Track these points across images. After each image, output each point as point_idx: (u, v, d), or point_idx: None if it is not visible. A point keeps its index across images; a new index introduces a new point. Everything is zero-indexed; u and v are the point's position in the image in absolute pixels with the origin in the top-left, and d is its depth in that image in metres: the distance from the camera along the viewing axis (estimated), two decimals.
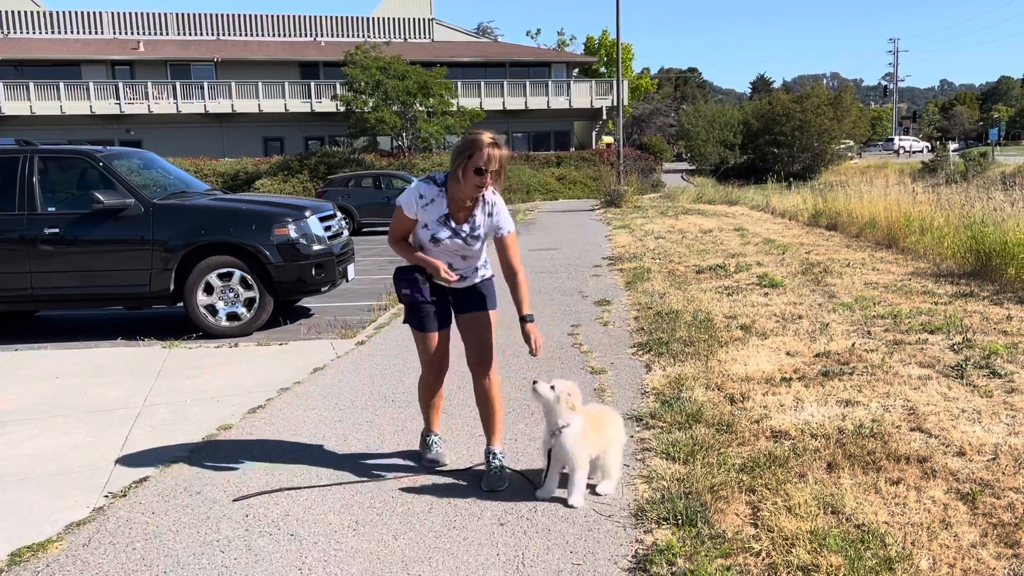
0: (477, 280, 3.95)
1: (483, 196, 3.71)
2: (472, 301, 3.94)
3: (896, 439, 4.14)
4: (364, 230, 21.19)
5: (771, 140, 46.12)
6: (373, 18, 45.33)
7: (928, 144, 64.89)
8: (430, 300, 3.83)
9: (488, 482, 3.79)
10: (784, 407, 4.73)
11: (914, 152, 62.55)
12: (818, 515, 3.30)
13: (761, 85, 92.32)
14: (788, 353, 6.01)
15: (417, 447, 4.35)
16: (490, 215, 3.77)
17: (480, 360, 3.92)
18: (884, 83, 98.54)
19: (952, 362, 5.56)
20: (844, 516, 3.30)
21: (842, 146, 48.72)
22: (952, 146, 49.03)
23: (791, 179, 35.55)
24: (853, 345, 6.13)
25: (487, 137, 3.54)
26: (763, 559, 3.00)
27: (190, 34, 43.15)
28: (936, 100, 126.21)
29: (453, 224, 3.72)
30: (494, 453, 3.91)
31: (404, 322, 4.01)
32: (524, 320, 3.83)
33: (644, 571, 2.97)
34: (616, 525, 3.37)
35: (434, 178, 3.71)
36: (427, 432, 4.21)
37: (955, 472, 3.73)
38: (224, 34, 43.51)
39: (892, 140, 71.13)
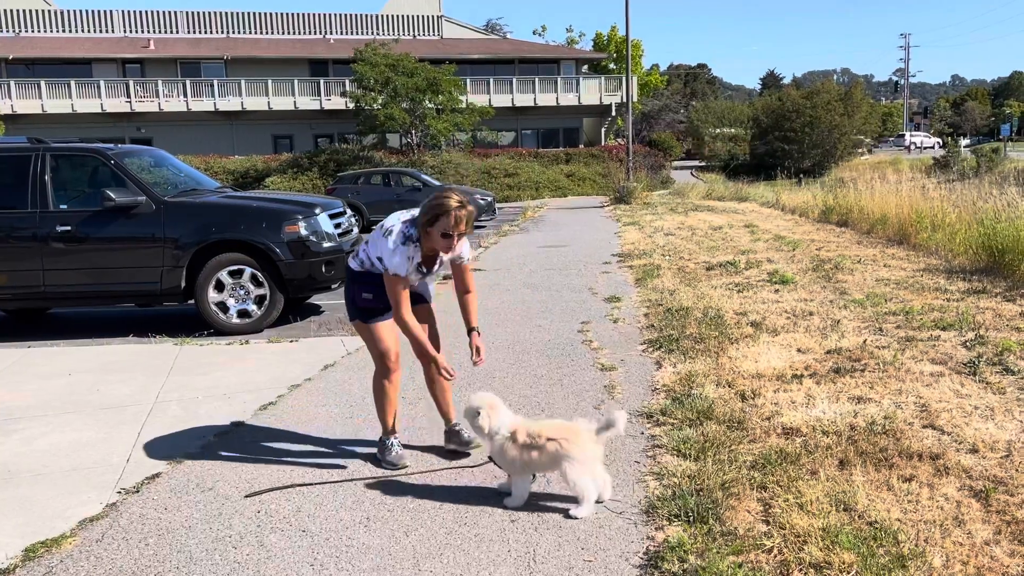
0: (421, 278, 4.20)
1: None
2: (417, 296, 4.18)
3: (908, 436, 4.12)
4: (373, 227, 21.21)
5: (781, 136, 45.92)
6: (382, 15, 45.35)
7: (939, 140, 64.45)
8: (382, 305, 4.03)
9: (466, 442, 4.20)
10: (795, 404, 4.71)
11: (925, 148, 62.19)
12: (830, 512, 3.29)
13: (771, 81, 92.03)
14: (799, 350, 5.99)
15: (427, 443, 4.36)
16: (462, 246, 3.99)
17: (433, 345, 4.13)
18: (895, 79, 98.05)
19: (964, 359, 5.52)
20: (856, 513, 3.29)
21: (861, 139, 48.43)
22: (964, 142, 48.64)
23: (801, 175, 35.40)
24: (865, 342, 6.11)
25: (454, 201, 3.72)
26: (775, 556, 2.99)
27: (200, 32, 43.27)
28: (947, 96, 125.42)
29: (424, 269, 3.98)
30: (458, 423, 4.24)
31: (352, 319, 4.14)
32: (472, 331, 4.09)
33: (656, 568, 2.97)
34: (627, 522, 3.37)
35: (409, 236, 3.82)
36: (386, 434, 4.20)
37: (968, 469, 3.71)
38: (234, 32, 43.62)
39: (903, 136, 70.71)
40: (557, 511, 3.49)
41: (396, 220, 3.89)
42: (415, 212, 3.88)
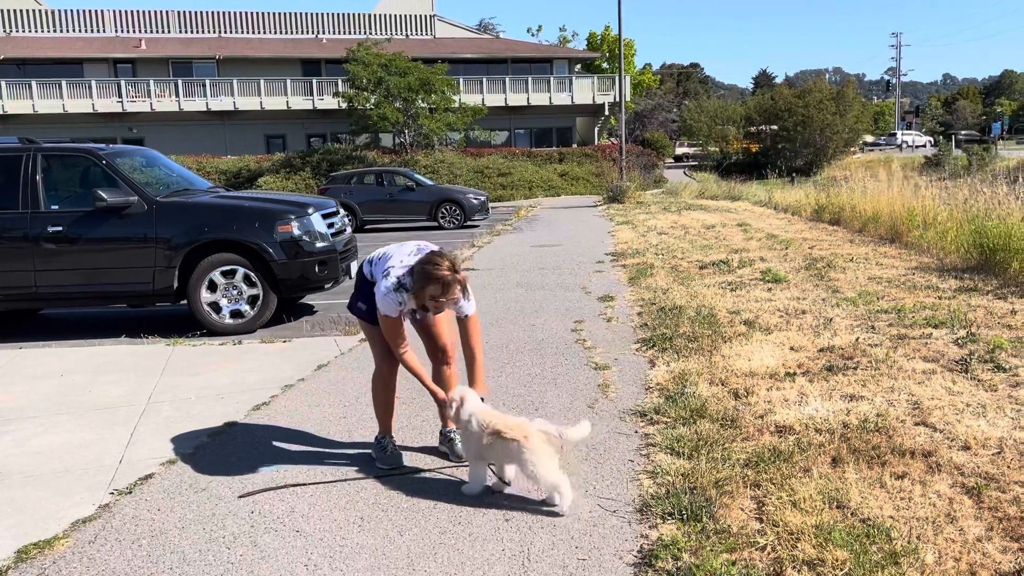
0: None
1: None
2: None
3: (901, 433, 4.13)
4: (367, 227, 21.19)
5: (773, 135, 46.04)
6: (375, 15, 45.27)
7: (931, 139, 64.69)
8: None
9: (458, 455, 4.12)
10: (788, 402, 4.72)
11: (917, 147, 62.41)
12: (823, 510, 3.30)
13: (763, 80, 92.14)
14: (792, 348, 6.00)
15: (422, 444, 4.35)
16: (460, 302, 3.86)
17: (443, 347, 4.20)
18: (887, 78, 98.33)
19: (956, 356, 5.55)
20: (849, 510, 3.30)
21: (856, 137, 48.57)
22: (959, 137, 48.90)
23: (794, 174, 35.48)
24: (857, 340, 6.13)
25: (444, 269, 3.61)
26: (768, 554, 3.00)
27: (192, 32, 43.12)
28: (939, 94, 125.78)
29: (418, 315, 4.03)
30: (454, 431, 4.19)
31: (354, 313, 4.10)
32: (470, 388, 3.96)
33: (649, 566, 2.98)
34: (621, 520, 3.37)
35: (403, 285, 3.73)
36: (383, 435, 4.20)
37: (960, 466, 3.73)
38: (226, 32, 43.48)
39: (895, 135, 70.92)
40: (551, 511, 3.49)
41: (397, 263, 3.80)
42: (418, 257, 3.77)
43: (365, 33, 41.68)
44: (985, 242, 9.27)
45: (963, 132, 47.68)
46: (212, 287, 7.76)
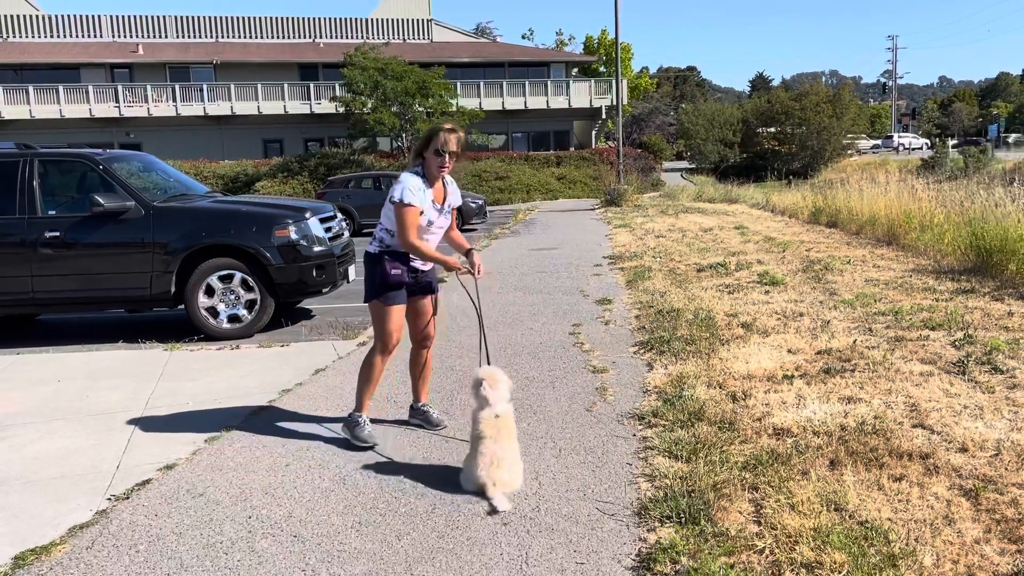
0: (428, 266, 4.56)
1: (446, 177, 4.42)
2: (425, 286, 4.58)
3: (898, 436, 4.14)
4: (364, 231, 21.17)
5: (770, 137, 46.13)
6: (372, 19, 45.32)
7: (928, 141, 64.79)
8: (410, 280, 4.46)
9: (434, 424, 4.67)
10: (786, 404, 4.72)
11: (914, 149, 62.52)
12: (821, 512, 3.30)
13: (760, 83, 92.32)
14: (790, 351, 6.01)
15: (420, 448, 4.35)
16: (453, 192, 4.49)
17: (429, 334, 4.68)
18: (883, 80, 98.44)
19: (954, 358, 5.55)
20: (847, 513, 3.30)
21: (863, 141, 48.65)
22: (951, 142, 48.91)
23: (791, 177, 35.51)
24: (855, 342, 6.13)
25: (446, 125, 4.27)
26: (766, 557, 3.00)
27: (189, 37, 43.14)
28: (935, 97, 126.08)
29: (438, 205, 4.37)
30: (427, 405, 4.80)
31: (374, 297, 4.40)
32: (469, 251, 4.42)
33: (648, 569, 2.98)
34: (619, 524, 3.37)
35: (417, 171, 4.30)
36: (358, 411, 4.53)
37: (958, 468, 3.73)
38: (223, 36, 43.49)
39: (891, 137, 71.04)
40: (550, 514, 3.49)
41: (403, 173, 4.34)
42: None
43: (362, 37, 41.74)
44: (982, 244, 9.28)
45: (952, 143, 47.71)
46: (210, 292, 7.75)
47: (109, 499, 3.89)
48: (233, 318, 7.82)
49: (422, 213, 4.24)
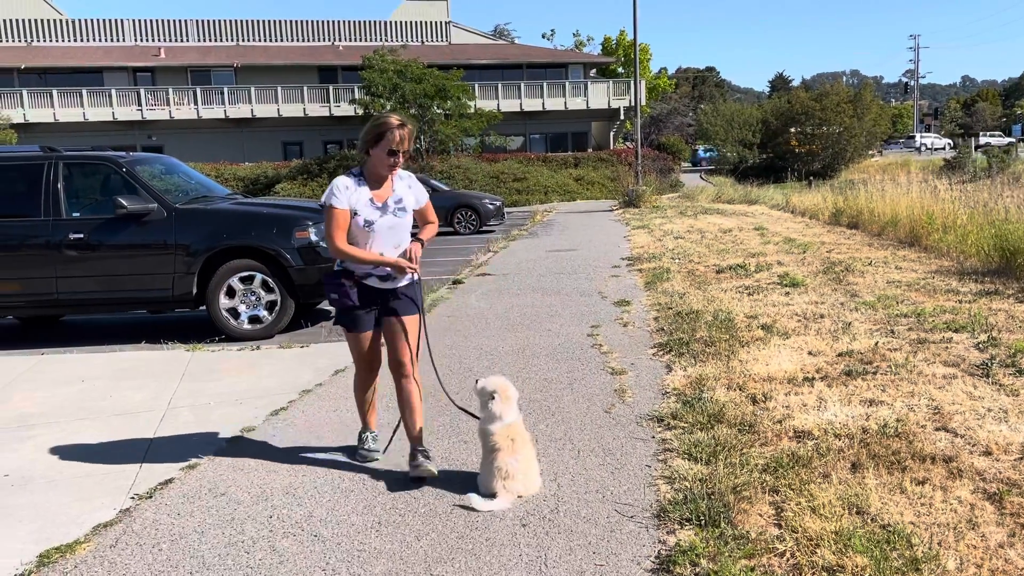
0: (403, 282, 4.05)
1: (397, 172, 4.00)
2: (398, 305, 4.05)
3: (921, 439, 4.10)
4: None
5: (791, 138, 45.76)
6: (391, 22, 45.54)
7: (950, 141, 64.10)
8: (357, 304, 4.02)
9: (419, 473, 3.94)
10: (807, 407, 4.69)
11: (936, 149, 61.87)
12: (843, 515, 3.27)
13: (780, 83, 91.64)
14: (810, 353, 5.96)
15: (439, 450, 4.36)
16: (410, 187, 4.06)
17: (401, 362, 4.05)
18: (905, 80, 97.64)
19: (977, 361, 5.49)
20: (869, 516, 3.27)
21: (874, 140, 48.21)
22: (984, 139, 48.21)
23: (811, 178, 35.25)
24: (876, 344, 6.08)
25: (395, 120, 3.84)
26: (787, 560, 2.98)
27: (210, 40, 43.55)
28: (958, 96, 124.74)
29: (379, 204, 3.93)
30: (423, 448, 4.05)
31: (335, 323, 4.23)
32: (414, 238, 4.05)
33: (667, 572, 2.97)
34: (639, 526, 3.36)
35: (350, 171, 3.98)
36: (363, 429, 4.38)
37: (982, 472, 3.69)
38: (244, 40, 43.87)
39: (913, 137, 70.35)
40: (569, 515, 3.49)
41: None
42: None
43: (381, 40, 41.93)
44: (1006, 245, 9.17)
45: (986, 135, 46.78)
46: (231, 293, 7.82)
47: (132, 498, 3.94)
48: (254, 319, 7.88)
49: (356, 214, 3.86)
